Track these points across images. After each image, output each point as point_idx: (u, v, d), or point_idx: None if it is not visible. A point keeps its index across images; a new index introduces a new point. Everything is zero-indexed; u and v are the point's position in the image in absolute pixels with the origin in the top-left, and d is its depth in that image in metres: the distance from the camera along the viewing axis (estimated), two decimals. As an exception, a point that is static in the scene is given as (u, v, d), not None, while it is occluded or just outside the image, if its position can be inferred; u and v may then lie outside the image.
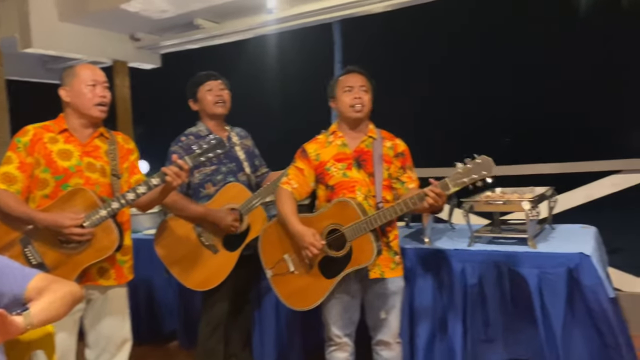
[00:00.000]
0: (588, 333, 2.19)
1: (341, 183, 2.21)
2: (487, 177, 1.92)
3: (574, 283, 2.20)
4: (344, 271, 2.15)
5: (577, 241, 2.41)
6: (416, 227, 2.94)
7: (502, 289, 2.34)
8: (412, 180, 2.25)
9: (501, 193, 2.76)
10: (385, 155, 2.25)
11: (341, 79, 2.28)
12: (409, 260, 2.53)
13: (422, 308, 2.50)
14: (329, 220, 2.17)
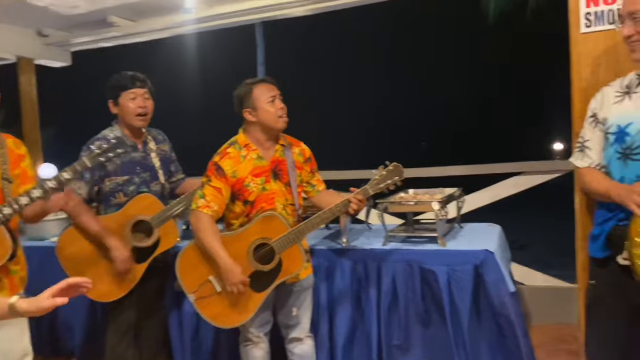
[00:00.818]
0: (490, 326, 2.33)
1: (261, 197, 2.21)
2: (399, 182, 2.19)
3: (479, 279, 2.33)
4: (274, 283, 2.19)
5: (483, 239, 2.56)
6: (335, 229, 3.00)
7: (414, 286, 2.43)
8: (321, 182, 2.35)
9: (414, 194, 2.88)
10: (297, 162, 2.29)
11: (262, 89, 2.21)
12: (328, 261, 2.59)
13: (341, 306, 2.55)
14: (256, 235, 2.18)
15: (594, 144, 1.79)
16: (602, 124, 1.77)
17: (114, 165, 2.40)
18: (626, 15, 1.65)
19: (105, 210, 2.46)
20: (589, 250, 1.82)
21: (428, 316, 2.43)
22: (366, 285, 2.50)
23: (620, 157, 1.69)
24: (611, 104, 1.75)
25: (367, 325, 2.50)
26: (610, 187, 1.66)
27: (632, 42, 1.65)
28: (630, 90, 1.73)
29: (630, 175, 1.65)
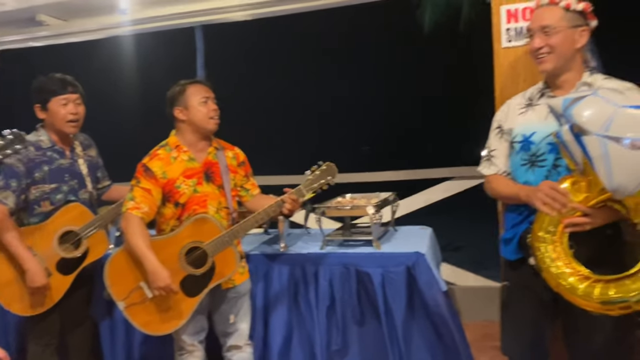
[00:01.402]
0: (425, 325, 2.41)
1: (192, 199, 2.19)
2: (332, 181, 2.22)
3: (412, 280, 2.41)
4: (207, 287, 2.16)
5: (415, 241, 2.65)
6: (274, 234, 3.02)
7: (350, 288, 2.49)
8: (256, 187, 2.37)
9: (351, 198, 2.95)
10: (230, 165, 2.29)
11: (195, 89, 2.21)
12: (265, 266, 2.60)
13: (277, 311, 2.57)
14: (188, 239, 2.15)
15: (500, 153, 1.94)
16: (507, 134, 1.91)
17: (42, 172, 2.32)
18: (537, 29, 1.79)
19: (28, 219, 2.36)
20: (502, 252, 1.95)
21: (363, 317, 2.49)
22: (303, 288, 2.54)
23: (526, 163, 1.83)
24: (516, 115, 1.90)
25: (304, 330, 2.52)
26: (519, 189, 1.80)
27: (541, 53, 1.79)
28: (532, 102, 1.89)
29: (536, 180, 1.79)
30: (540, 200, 1.64)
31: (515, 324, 1.92)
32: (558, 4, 1.77)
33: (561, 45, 1.76)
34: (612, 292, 1.55)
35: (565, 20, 1.76)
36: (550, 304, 1.81)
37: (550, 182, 1.68)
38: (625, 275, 1.56)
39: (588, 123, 1.51)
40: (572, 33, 1.77)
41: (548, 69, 1.80)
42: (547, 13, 1.78)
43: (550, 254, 1.64)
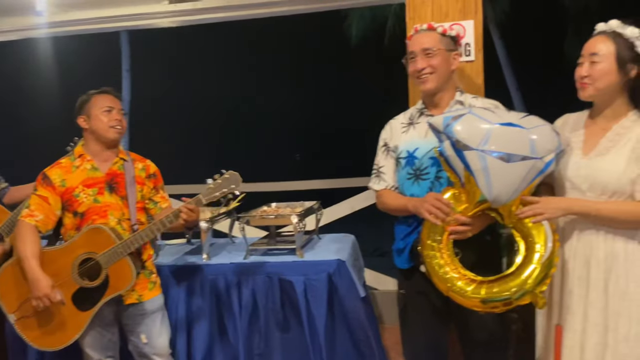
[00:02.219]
0: (344, 331, 2.48)
1: (92, 209, 2.15)
2: (235, 190, 2.10)
3: (333, 287, 2.47)
4: (101, 300, 2.10)
5: (337, 249, 2.72)
6: (197, 244, 3.00)
7: (273, 297, 2.51)
8: (165, 199, 2.33)
9: (276, 207, 2.98)
10: (138, 176, 2.27)
11: (99, 98, 2.22)
12: (187, 277, 2.57)
13: (199, 323, 2.55)
14: (81, 250, 2.09)
15: (388, 169, 2.08)
16: (393, 151, 2.06)
17: None
18: (419, 52, 1.94)
19: None
20: (395, 262, 2.08)
21: (287, 324, 2.52)
22: (226, 299, 2.53)
23: (411, 177, 1.98)
24: (400, 134, 2.05)
25: (227, 339, 2.52)
26: (407, 201, 1.94)
27: (424, 74, 1.94)
28: (413, 121, 2.05)
29: (421, 192, 1.94)
30: (427, 210, 1.78)
31: (413, 330, 2.06)
32: (435, 29, 1.96)
33: (441, 66, 1.93)
34: (496, 290, 1.71)
35: (442, 44, 1.95)
36: (443, 308, 1.95)
37: (435, 194, 1.83)
38: (505, 274, 1.74)
39: (468, 139, 1.67)
40: (448, 56, 1.95)
41: (431, 88, 1.96)
42: (426, 37, 1.95)
43: (439, 260, 1.78)
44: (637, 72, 1.72)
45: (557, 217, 1.76)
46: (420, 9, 2.32)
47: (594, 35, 1.78)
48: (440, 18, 2.29)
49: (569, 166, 1.80)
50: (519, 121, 1.72)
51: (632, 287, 1.70)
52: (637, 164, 1.69)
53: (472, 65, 2.37)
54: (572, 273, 1.80)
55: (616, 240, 1.73)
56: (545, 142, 1.70)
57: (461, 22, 2.30)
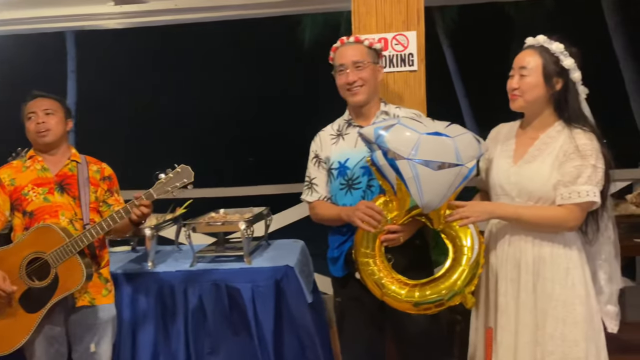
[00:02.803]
0: (292, 337, 2.48)
1: (42, 208, 2.10)
2: (187, 184, 2.03)
3: (281, 293, 2.47)
4: (50, 301, 2.03)
5: (285, 255, 2.71)
6: (142, 251, 2.93)
7: (221, 304, 2.48)
8: (120, 203, 2.29)
9: (224, 214, 2.96)
10: (92, 178, 2.23)
11: (25, 106, 2.19)
12: (132, 285, 2.51)
13: (144, 332, 2.49)
14: (29, 249, 2.03)
15: (320, 180, 2.11)
16: (324, 162, 2.10)
17: None
18: (349, 64, 1.98)
19: None
20: (330, 270, 2.12)
21: (235, 332, 2.50)
22: (172, 307, 2.49)
23: (343, 187, 2.03)
24: (329, 145, 2.09)
25: (172, 348, 2.48)
26: (339, 211, 1.98)
27: (355, 86, 1.98)
28: (341, 132, 2.09)
29: (354, 201, 1.99)
30: (359, 218, 1.83)
31: (350, 337, 2.10)
32: (362, 42, 2.01)
33: (370, 79, 1.99)
34: (428, 292, 1.78)
35: (369, 57, 2.00)
36: (379, 313, 2.00)
37: (366, 202, 1.88)
38: (435, 277, 1.82)
39: (399, 149, 1.73)
40: (375, 68, 2.01)
41: (361, 100, 2.01)
42: (355, 50, 2.00)
43: (372, 267, 1.84)
44: (562, 85, 1.80)
45: (481, 220, 1.84)
46: (365, 19, 2.37)
47: (523, 49, 1.87)
48: (384, 28, 2.34)
49: (501, 174, 1.89)
50: (444, 130, 1.80)
51: (557, 289, 1.79)
52: (559, 171, 1.77)
53: (415, 76, 2.43)
54: (504, 276, 1.88)
55: (543, 245, 1.81)
56: (468, 149, 1.79)
57: (404, 33, 2.36)
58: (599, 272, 1.89)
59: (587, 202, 1.74)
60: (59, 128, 2.18)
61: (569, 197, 1.75)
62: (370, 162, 1.85)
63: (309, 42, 12.22)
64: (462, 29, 12.53)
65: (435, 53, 11.49)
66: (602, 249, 1.88)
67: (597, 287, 1.88)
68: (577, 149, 1.75)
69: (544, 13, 11.00)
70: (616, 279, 1.92)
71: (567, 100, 1.81)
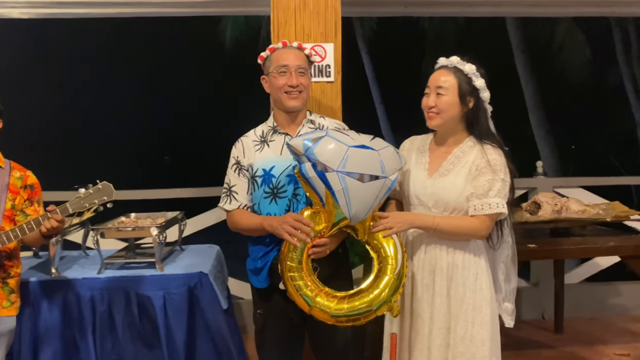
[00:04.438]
0: (207, 344, 2.45)
1: None
2: (107, 201, 2.01)
3: (194, 300, 2.44)
4: None
5: (200, 261, 2.68)
6: (45, 257, 2.77)
7: (130, 313, 2.41)
8: (38, 214, 2.13)
9: (135, 218, 2.86)
10: (12, 185, 2.11)
11: None
12: (34, 294, 2.38)
13: (48, 344, 2.37)
14: None
15: (240, 188, 2.03)
16: (247, 170, 2.03)
17: None
18: (294, 68, 1.96)
19: None
20: (252, 282, 2.07)
21: (145, 343, 2.43)
22: (78, 317, 2.38)
23: (268, 196, 1.98)
24: (253, 152, 2.03)
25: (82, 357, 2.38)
26: (262, 220, 1.93)
27: (296, 91, 1.96)
28: (266, 139, 2.04)
29: (279, 210, 1.97)
30: (287, 231, 1.80)
31: (270, 349, 2.05)
32: (304, 50, 2.04)
33: (308, 86, 2.01)
34: (357, 303, 1.80)
35: (308, 65, 2.03)
36: (301, 323, 2.01)
37: (294, 214, 1.85)
38: (362, 288, 1.84)
39: (329, 161, 1.75)
40: (309, 78, 2.03)
41: (297, 106, 1.99)
42: (299, 55, 2.00)
43: (299, 282, 1.81)
44: (473, 104, 1.93)
45: (403, 229, 1.92)
46: (284, 29, 2.38)
47: (437, 69, 1.97)
48: (303, 39, 2.37)
49: (417, 185, 1.98)
50: (369, 143, 1.85)
51: (468, 293, 1.93)
52: (472, 183, 1.90)
53: (332, 87, 2.47)
54: (420, 282, 1.98)
55: (456, 252, 1.94)
56: (391, 162, 1.86)
57: (322, 44, 2.41)
58: (498, 272, 2.06)
59: (497, 213, 1.88)
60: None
61: (481, 209, 1.88)
62: (298, 173, 1.83)
63: (230, 43, 12.01)
64: (380, 38, 12.93)
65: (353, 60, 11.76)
66: (501, 252, 2.05)
67: (496, 286, 2.04)
68: (488, 164, 1.88)
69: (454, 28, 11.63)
70: (513, 278, 2.10)
71: (478, 117, 1.94)
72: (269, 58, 2.03)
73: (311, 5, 2.38)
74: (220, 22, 12.01)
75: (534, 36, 10.84)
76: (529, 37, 10.53)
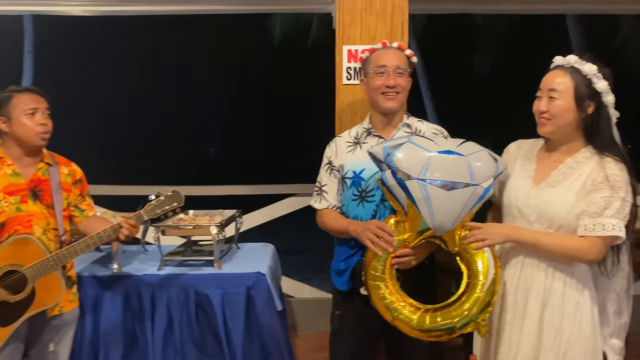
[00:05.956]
0: (260, 345, 2.44)
1: (14, 218, 1.98)
2: (177, 207, 2.08)
3: (251, 300, 2.44)
4: (24, 315, 1.95)
5: (256, 260, 2.68)
6: (106, 251, 2.83)
7: (188, 311, 2.43)
8: (91, 207, 2.21)
9: (193, 216, 2.88)
10: (64, 183, 2.12)
11: (23, 98, 2.00)
12: (95, 289, 2.44)
13: (110, 339, 2.42)
14: (5, 261, 1.92)
15: (330, 188, 2.03)
16: (338, 170, 2.01)
17: None
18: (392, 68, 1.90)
19: None
20: (334, 283, 2.05)
21: (203, 339, 2.45)
22: (139, 312, 2.42)
23: (356, 198, 1.95)
24: (345, 153, 2.00)
25: (139, 356, 2.41)
26: (347, 224, 1.91)
27: (392, 92, 1.90)
28: (360, 141, 2.01)
29: (366, 214, 1.92)
30: (369, 239, 1.76)
31: (344, 351, 2.03)
32: (404, 50, 1.96)
33: (406, 87, 1.93)
34: (439, 319, 1.70)
35: (408, 66, 1.95)
36: (378, 331, 1.96)
37: (378, 222, 1.80)
38: (448, 302, 1.74)
39: (409, 168, 1.67)
40: (409, 79, 1.95)
41: (394, 107, 1.92)
42: (398, 55, 1.93)
43: (383, 291, 1.75)
44: (593, 109, 1.69)
45: (498, 243, 1.74)
46: (349, 30, 2.33)
47: (552, 69, 1.75)
48: (368, 40, 2.32)
49: (519, 195, 1.78)
50: (457, 148, 1.73)
51: (565, 324, 1.71)
52: (585, 200, 1.67)
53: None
54: (511, 303, 1.79)
55: (556, 275, 1.73)
56: (483, 168, 1.70)
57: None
58: (607, 304, 1.78)
59: (612, 236, 1.64)
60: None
61: (592, 229, 1.65)
62: (380, 182, 1.77)
63: (278, 38, 12.06)
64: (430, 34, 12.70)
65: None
66: (615, 281, 1.77)
67: (603, 318, 1.77)
68: (607, 179, 1.64)
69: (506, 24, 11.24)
70: (625, 313, 1.80)
71: (599, 125, 1.70)
72: (368, 59, 1.98)
73: (377, 6, 2.32)
74: (270, 17, 12.09)
75: (596, 33, 10.36)
76: (590, 33, 10.07)
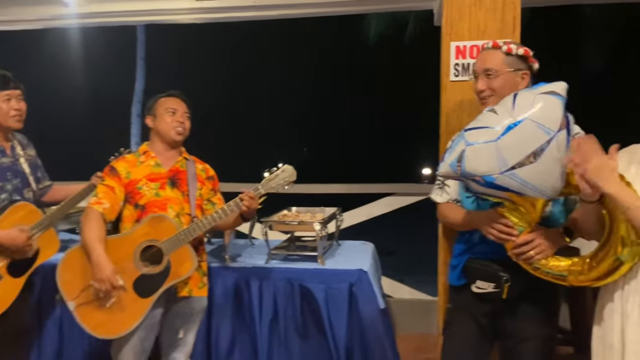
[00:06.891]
0: (361, 342, 2.48)
1: (153, 202, 2.21)
2: (290, 181, 2.23)
3: (353, 297, 2.48)
4: (162, 286, 2.13)
5: (357, 257, 2.73)
6: (218, 243, 3.01)
7: (293, 303, 2.53)
8: (222, 202, 2.37)
9: (296, 212, 2.99)
10: (199, 175, 2.34)
11: (166, 99, 2.31)
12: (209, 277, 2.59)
13: (221, 324, 2.57)
14: (144, 237, 2.13)
15: (451, 181, 1.99)
16: None
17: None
18: (480, 72, 1.87)
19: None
20: (448, 277, 2.06)
21: (307, 332, 2.53)
22: (247, 301, 2.56)
23: (470, 196, 1.89)
24: None
25: (247, 343, 2.54)
26: (472, 217, 1.88)
27: (483, 96, 1.87)
28: None
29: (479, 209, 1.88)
30: (490, 233, 1.75)
31: (455, 343, 2.01)
32: (500, 48, 1.86)
33: (502, 88, 1.82)
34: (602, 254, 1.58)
35: (506, 64, 1.84)
36: (488, 328, 1.94)
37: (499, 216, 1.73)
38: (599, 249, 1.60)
39: (487, 172, 1.59)
40: (514, 76, 1.84)
41: None
42: (490, 56, 1.86)
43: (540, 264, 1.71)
44: None
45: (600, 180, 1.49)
46: (457, 25, 2.28)
47: None
48: (477, 36, 2.25)
49: None
50: (513, 117, 1.59)
51: None
52: None
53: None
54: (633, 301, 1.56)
55: None
56: (549, 114, 1.57)
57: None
58: None
59: None
60: (188, 131, 2.33)
61: None
62: (471, 193, 1.75)
63: (374, 38, 12.00)
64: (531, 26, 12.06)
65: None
66: None
67: None
68: None
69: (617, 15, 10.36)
70: None
71: None
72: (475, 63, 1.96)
73: (488, 1, 2.25)
74: (365, 17, 12.09)
75: None
76: None
